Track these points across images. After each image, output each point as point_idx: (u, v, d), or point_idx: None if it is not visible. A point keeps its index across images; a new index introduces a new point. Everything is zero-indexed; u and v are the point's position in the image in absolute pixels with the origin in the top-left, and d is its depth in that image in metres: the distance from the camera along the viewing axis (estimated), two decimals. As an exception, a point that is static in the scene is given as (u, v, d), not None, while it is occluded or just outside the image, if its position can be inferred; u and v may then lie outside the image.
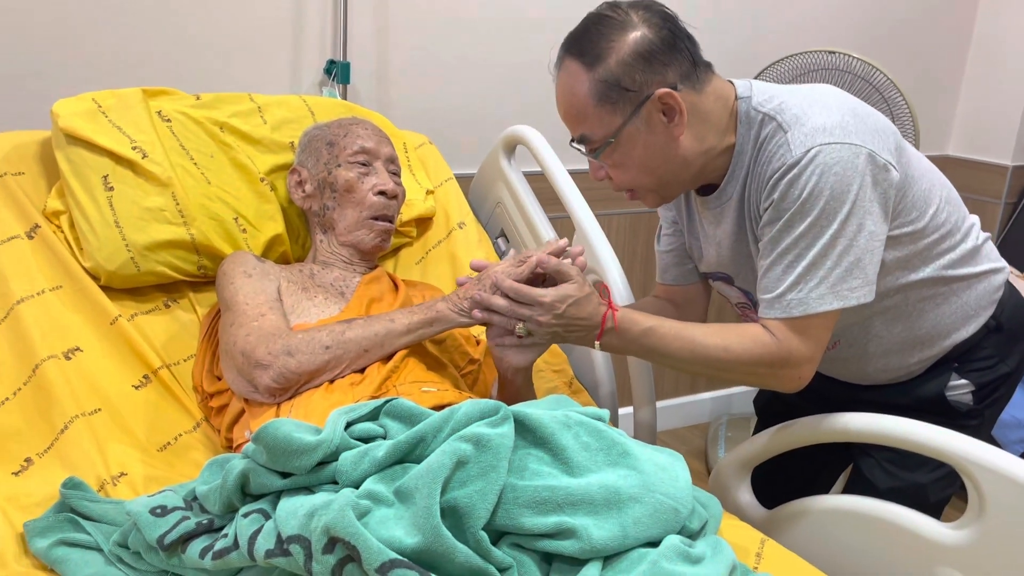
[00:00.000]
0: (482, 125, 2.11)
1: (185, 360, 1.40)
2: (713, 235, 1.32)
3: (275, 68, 1.89)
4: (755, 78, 1.60)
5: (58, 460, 1.20)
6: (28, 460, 1.20)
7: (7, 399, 1.24)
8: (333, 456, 0.95)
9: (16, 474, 1.19)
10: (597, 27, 1.16)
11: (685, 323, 1.23)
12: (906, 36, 2.71)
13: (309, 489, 0.95)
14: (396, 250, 1.71)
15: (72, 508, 1.10)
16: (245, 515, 0.94)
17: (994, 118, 2.84)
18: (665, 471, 0.99)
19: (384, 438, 1.01)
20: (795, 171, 1.12)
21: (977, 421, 1.32)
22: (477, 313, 1.22)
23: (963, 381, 1.31)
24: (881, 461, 1.33)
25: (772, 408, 1.57)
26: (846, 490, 1.36)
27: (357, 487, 0.92)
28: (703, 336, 1.20)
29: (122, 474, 1.20)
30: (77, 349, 1.31)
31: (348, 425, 1.01)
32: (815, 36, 2.53)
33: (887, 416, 1.17)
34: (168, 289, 1.46)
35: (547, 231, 1.71)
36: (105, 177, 1.40)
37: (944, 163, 2.96)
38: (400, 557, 0.82)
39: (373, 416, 1.04)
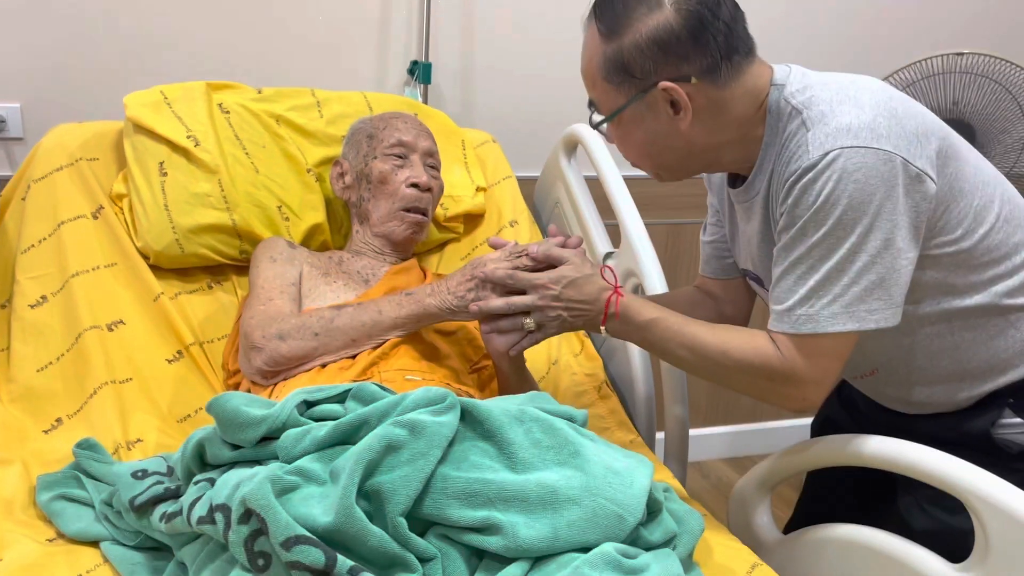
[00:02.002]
0: (560, 129, 2.08)
1: (219, 339, 1.47)
2: (744, 231, 1.23)
3: (360, 70, 1.95)
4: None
5: (84, 422, 1.29)
6: (59, 420, 1.30)
7: (50, 363, 1.35)
8: (280, 432, 0.96)
9: (46, 432, 1.28)
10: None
11: (690, 319, 1.15)
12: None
13: (258, 462, 0.97)
14: (442, 245, 1.72)
15: (79, 466, 1.18)
16: (196, 483, 0.97)
17: None
18: (617, 476, 0.93)
19: (344, 420, 1.01)
20: (811, 175, 1.01)
21: None
22: (473, 307, 1.20)
23: (1018, 420, 1.14)
24: (920, 500, 1.18)
25: (824, 432, 1.44)
26: (881, 526, 1.23)
27: (297, 464, 0.93)
28: (704, 335, 1.12)
29: (138, 440, 1.27)
30: (120, 322, 1.41)
31: (312, 405, 1.02)
32: (940, 38, 2.32)
33: (897, 440, 1.04)
34: (214, 271, 1.54)
35: (599, 234, 1.67)
36: (161, 163, 1.49)
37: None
38: (307, 534, 0.82)
39: (341, 399, 1.04)
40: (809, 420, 1.48)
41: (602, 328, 1.19)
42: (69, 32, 1.71)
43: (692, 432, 1.47)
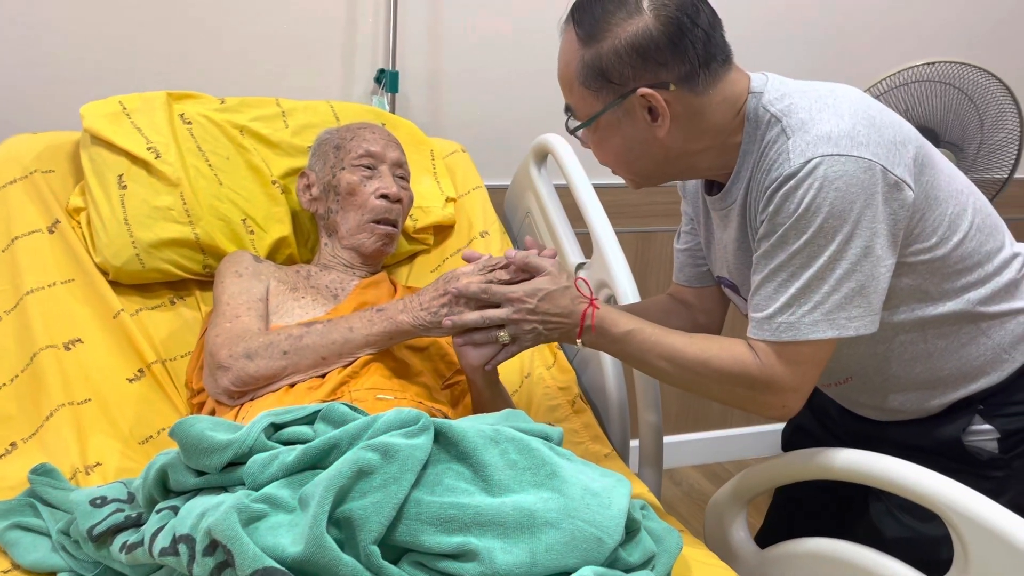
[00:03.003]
0: (529, 138, 2.07)
1: (182, 356, 1.42)
2: (721, 238, 1.22)
3: (326, 78, 1.91)
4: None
5: (40, 447, 1.24)
6: (13, 444, 1.24)
7: (4, 385, 1.29)
8: (247, 457, 0.92)
9: (0, 457, 1.23)
10: (605, 5, 1.06)
11: (668, 330, 1.14)
12: (1008, 38, 2.47)
13: (224, 489, 0.93)
14: (412, 257, 1.69)
15: (34, 493, 1.13)
16: (158, 511, 0.93)
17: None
18: (595, 497, 0.91)
19: (313, 443, 0.98)
20: (792, 183, 1.01)
21: (1002, 473, 1.15)
22: (447, 321, 1.18)
23: (987, 427, 1.15)
24: (892, 508, 1.19)
25: (795, 440, 1.44)
26: (854, 536, 1.22)
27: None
28: (683, 345, 1.11)
29: (97, 464, 1.23)
30: (78, 340, 1.36)
31: (279, 428, 0.99)
32: (912, 46, 2.34)
33: (869, 453, 1.04)
34: (176, 287, 1.50)
35: (570, 244, 1.65)
36: (120, 176, 1.45)
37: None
38: (276, 566, 0.78)
39: (309, 420, 1.01)
40: (779, 426, 1.48)
41: (578, 341, 1.17)
42: (21, 39, 1.66)
43: (663, 440, 1.47)
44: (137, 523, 0.98)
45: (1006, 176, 2.08)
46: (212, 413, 1.25)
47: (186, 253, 1.46)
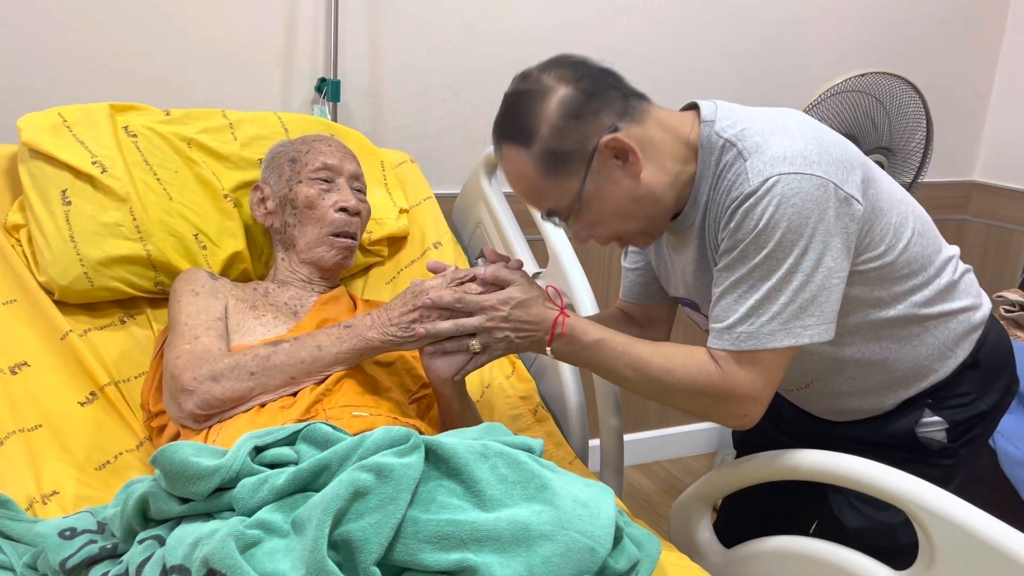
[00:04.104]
0: (474, 144, 2.08)
1: (136, 377, 1.38)
2: (678, 260, 1.26)
3: (266, 87, 1.88)
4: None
5: (-9, 476, 1.19)
6: (-38, 476, 1.19)
7: (-53, 413, 1.23)
8: (234, 482, 0.91)
9: (-52, 489, 1.17)
10: (518, 105, 1.11)
11: (635, 340, 1.17)
12: (926, 59, 2.62)
13: (210, 516, 0.91)
14: (366, 269, 1.68)
15: (-8, 526, 1.08)
16: (141, 541, 0.90)
17: (1022, 143, 2.72)
18: (585, 507, 0.93)
19: (297, 464, 0.97)
20: (751, 201, 1.05)
21: (951, 461, 1.24)
22: (420, 330, 1.18)
23: (936, 418, 1.23)
24: (851, 499, 1.25)
25: (749, 440, 1.49)
26: (817, 527, 1.28)
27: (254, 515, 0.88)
28: (648, 355, 1.15)
29: (54, 492, 1.18)
30: (24, 364, 1.30)
31: (261, 450, 0.97)
32: (836, 62, 2.46)
33: (838, 454, 1.09)
34: (125, 305, 1.45)
35: (523, 252, 1.67)
36: (64, 191, 1.39)
37: (970, 190, 2.85)
38: (278, 592, 0.77)
39: (290, 441, 1.00)
40: (714, 425, 1.52)
41: (548, 349, 1.19)
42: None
43: (596, 443, 1.51)
44: (113, 554, 0.95)
45: (910, 181, 2.21)
46: (176, 436, 1.22)
47: (137, 270, 1.41)
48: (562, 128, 1.08)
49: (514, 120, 1.11)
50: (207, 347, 1.21)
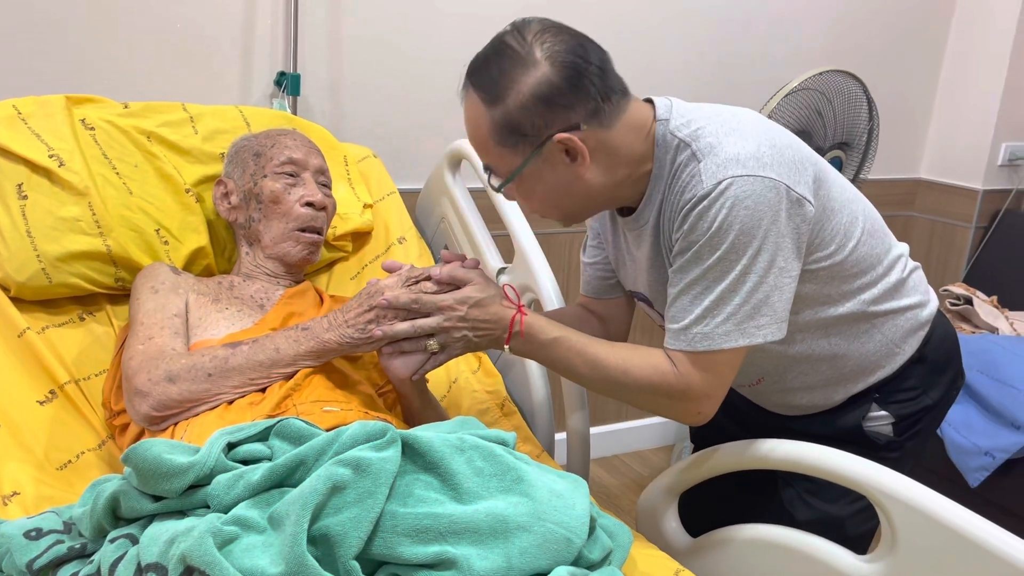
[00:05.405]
0: (436, 139, 2.08)
1: (96, 375, 1.35)
2: (634, 255, 1.28)
3: (224, 79, 1.86)
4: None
5: (-52, 478, 1.15)
6: (-83, 477, 1.15)
7: (-100, 414, 1.19)
8: (208, 479, 0.90)
9: (-97, 492, 1.14)
10: (499, 60, 1.09)
11: (593, 339, 1.19)
12: (876, 59, 2.69)
13: (183, 513, 0.90)
14: (330, 265, 1.67)
15: (-49, 529, 1.05)
16: (112, 540, 0.89)
17: (965, 142, 2.81)
18: (561, 498, 0.94)
19: (271, 460, 0.96)
20: (705, 203, 1.07)
21: (897, 454, 1.27)
22: (377, 332, 1.18)
23: (883, 413, 1.27)
24: (801, 492, 1.28)
25: (703, 433, 1.52)
26: (768, 520, 1.31)
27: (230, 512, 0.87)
28: (606, 355, 1.16)
29: (15, 493, 1.15)
30: (-20, 362, 1.27)
31: (233, 446, 0.96)
32: (782, 61, 2.51)
33: (807, 444, 1.12)
34: (84, 301, 1.42)
35: (488, 248, 1.67)
36: (19, 185, 1.36)
37: (916, 187, 2.93)
38: (258, 588, 0.77)
39: (263, 437, 0.99)
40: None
41: (505, 347, 1.20)
42: None
43: (562, 436, 1.52)
44: (81, 554, 0.94)
45: (853, 176, 2.27)
46: (140, 434, 1.20)
47: (97, 266, 1.38)
48: (528, 109, 1.07)
49: (489, 73, 1.09)
50: (161, 347, 1.19)
